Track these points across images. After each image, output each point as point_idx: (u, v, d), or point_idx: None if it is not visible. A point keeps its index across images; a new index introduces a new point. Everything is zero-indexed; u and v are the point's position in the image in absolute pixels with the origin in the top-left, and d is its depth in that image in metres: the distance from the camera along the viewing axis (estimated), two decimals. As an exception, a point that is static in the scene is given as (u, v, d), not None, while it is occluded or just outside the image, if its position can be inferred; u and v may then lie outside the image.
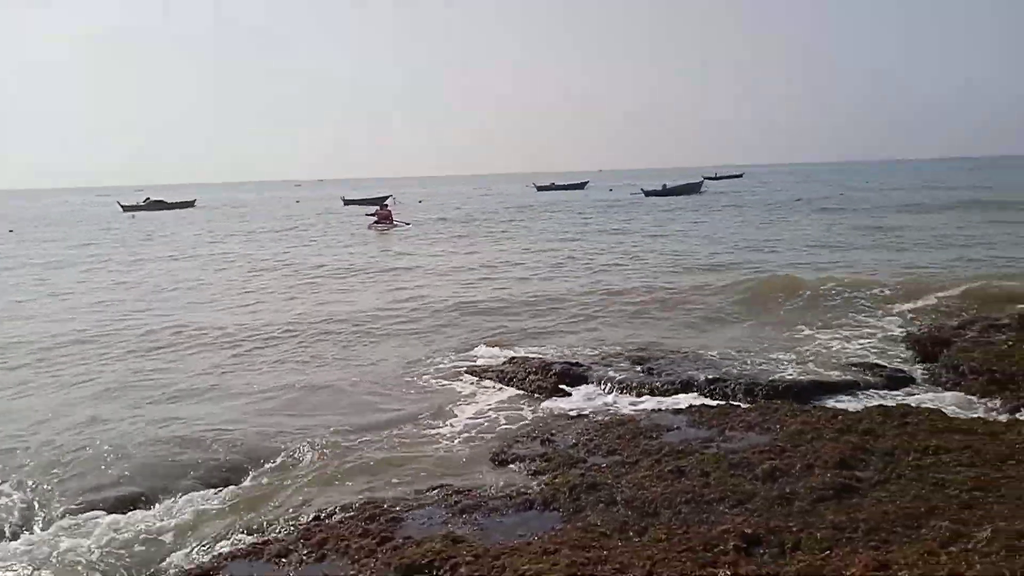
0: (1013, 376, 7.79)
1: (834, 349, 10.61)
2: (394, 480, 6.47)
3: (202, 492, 6.50)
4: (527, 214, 47.07)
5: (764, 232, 29.00)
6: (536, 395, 9.03)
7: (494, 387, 9.44)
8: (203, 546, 5.53)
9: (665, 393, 8.76)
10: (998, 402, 7.65)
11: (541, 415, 8.28)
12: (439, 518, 5.53)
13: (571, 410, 8.37)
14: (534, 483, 6.16)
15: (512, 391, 9.24)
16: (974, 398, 7.97)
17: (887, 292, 14.06)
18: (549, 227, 35.49)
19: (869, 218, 33.58)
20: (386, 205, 41.79)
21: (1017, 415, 7.12)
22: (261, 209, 68.32)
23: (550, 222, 39.15)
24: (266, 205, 76.81)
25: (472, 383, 9.68)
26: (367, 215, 39.35)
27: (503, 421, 8.10)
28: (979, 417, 7.09)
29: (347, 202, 64.55)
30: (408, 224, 37.69)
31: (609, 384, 9.16)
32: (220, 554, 5.33)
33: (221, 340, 12.51)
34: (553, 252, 24.53)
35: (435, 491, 6.07)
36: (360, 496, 6.09)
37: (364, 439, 7.60)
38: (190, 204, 75.34)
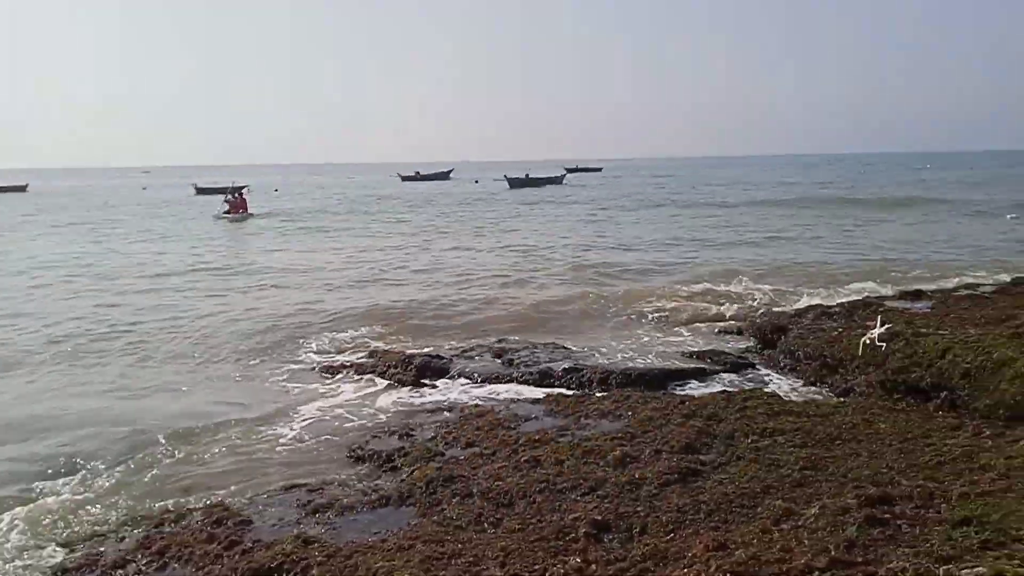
0: (842, 361, 8.34)
1: (684, 338, 11.09)
2: (244, 482, 6.21)
3: (26, 503, 6.00)
4: (389, 205, 46.41)
5: (616, 228, 29.71)
6: (396, 389, 8.92)
7: (352, 382, 9.24)
8: (27, 563, 5.11)
9: (524, 384, 8.88)
10: (828, 385, 8.20)
11: (400, 409, 8.19)
12: (291, 519, 5.37)
13: (431, 403, 8.34)
14: (391, 479, 6.11)
15: (371, 386, 9.07)
16: (807, 382, 8.52)
17: (732, 283, 14.81)
18: (412, 220, 35.03)
19: (715, 213, 35.26)
20: (241, 193, 40.06)
21: (845, 398, 7.64)
22: (102, 196, 64.15)
23: (414, 215, 38.68)
24: (108, 192, 72.14)
25: (329, 379, 9.42)
26: (226, 201, 37.24)
27: (361, 416, 7.94)
28: (811, 400, 7.58)
29: (199, 190, 61.20)
30: (252, 213, 36.54)
31: (470, 376, 9.21)
32: (49, 568, 4.95)
33: (50, 346, 11.50)
34: (415, 247, 24.18)
35: (287, 491, 5.90)
36: (206, 500, 5.83)
37: (211, 441, 7.23)
38: (21, 189, 69.78)
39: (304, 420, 7.87)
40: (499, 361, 9.68)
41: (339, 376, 9.49)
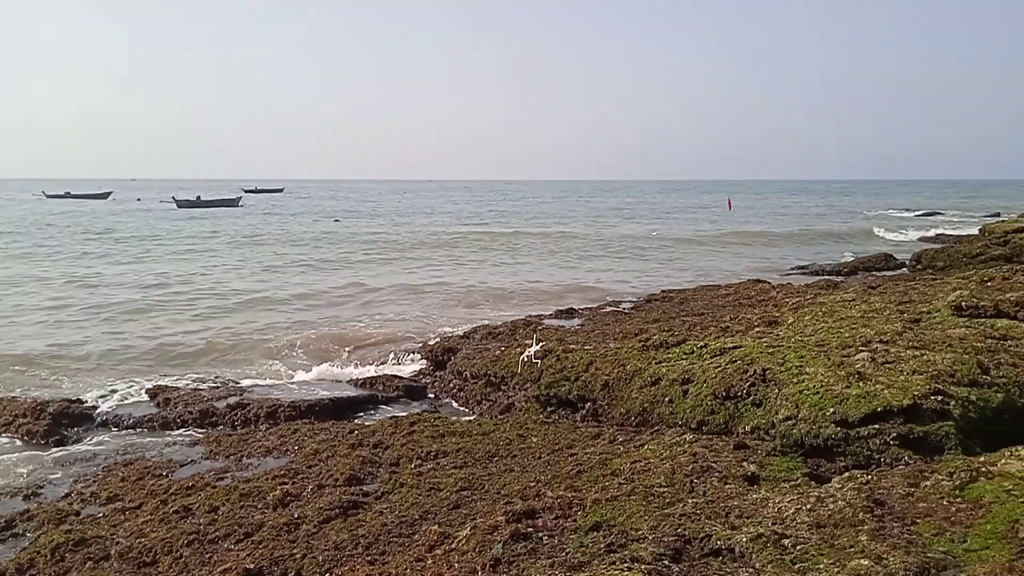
0: (504, 379, 8.79)
1: (358, 365, 11.02)
2: None
3: None
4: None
5: (273, 254, 28.93)
6: (25, 442, 7.78)
7: (-32, 437, 7.91)
8: None
9: (183, 425, 8.22)
10: (492, 403, 8.59)
11: (28, 465, 7.13)
12: None
13: (68, 455, 7.39)
14: (9, 549, 5.26)
15: (-8, 440, 7.84)
16: (474, 401, 8.86)
17: (399, 306, 15.07)
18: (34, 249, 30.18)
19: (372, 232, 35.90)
20: None
21: (506, 414, 8.04)
22: None
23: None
24: None
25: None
26: None
27: (-25, 479, 6.80)
28: (475, 419, 7.89)
29: None
30: None
31: (119, 422, 8.34)
32: None
33: None
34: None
35: None
36: None
37: None
38: None
39: None
40: (154, 402, 8.85)
41: (-51, 432, 8.06)
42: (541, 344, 8.89)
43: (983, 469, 4.02)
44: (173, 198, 67.21)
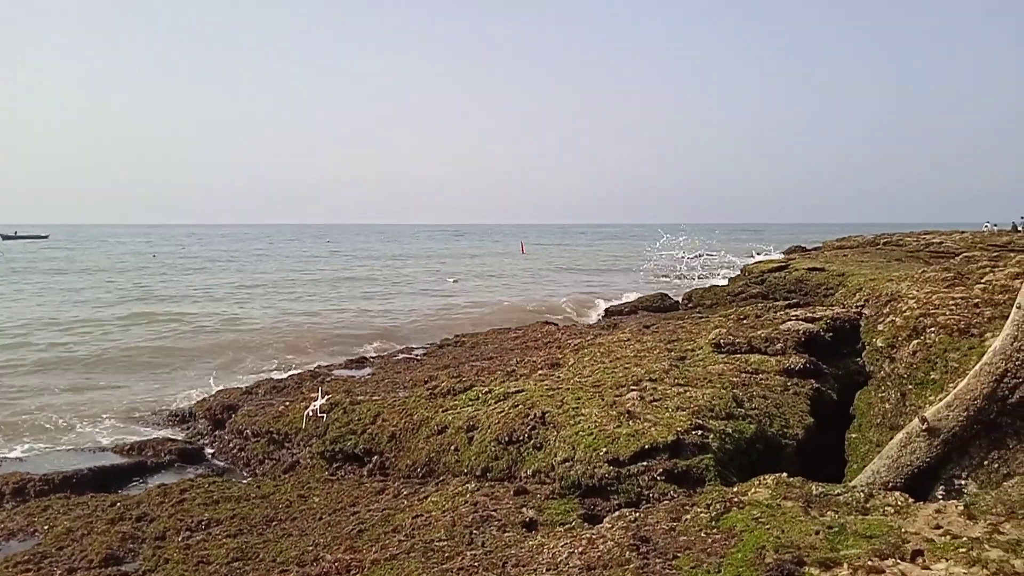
0: (288, 436, 8.40)
1: (127, 428, 10.17)
2: None
3: None
4: None
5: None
6: None
7: None
8: None
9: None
10: (276, 462, 8.18)
11: None
12: None
13: None
14: None
15: None
16: (256, 461, 8.39)
17: (166, 362, 14.16)
18: None
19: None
20: None
21: (290, 473, 7.68)
22: None
23: None
24: None
25: None
26: None
27: None
28: (254, 481, 7.45)
29: None
30: None
31: None
32: None
33: None
34: None
35: None
36: None
37: None
38: None
39: None
40: None
41: None
42: (327, 397, 8.63)
43: (735, 499, 4.30)
44: None
